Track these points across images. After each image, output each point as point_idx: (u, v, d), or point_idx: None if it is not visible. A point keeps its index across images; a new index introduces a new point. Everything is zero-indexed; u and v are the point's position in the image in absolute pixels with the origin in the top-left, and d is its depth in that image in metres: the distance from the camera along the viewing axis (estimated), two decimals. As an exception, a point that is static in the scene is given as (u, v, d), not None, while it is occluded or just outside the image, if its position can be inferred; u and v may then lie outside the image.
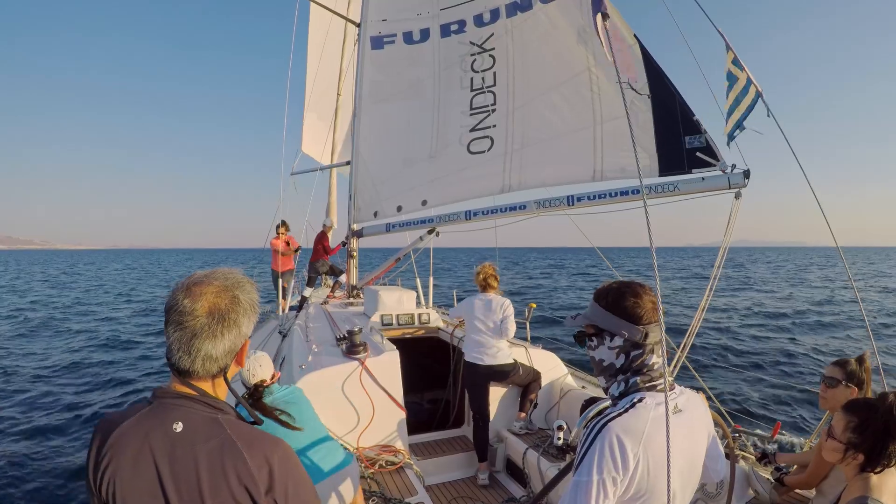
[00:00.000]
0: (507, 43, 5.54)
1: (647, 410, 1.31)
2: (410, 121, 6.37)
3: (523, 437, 4.27)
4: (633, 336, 1.39)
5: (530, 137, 5.30)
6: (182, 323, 1.10)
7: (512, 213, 5.32)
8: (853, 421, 1.94)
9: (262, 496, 1.08)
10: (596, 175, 4.70)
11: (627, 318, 1.40)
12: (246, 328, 1.18)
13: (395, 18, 6.51)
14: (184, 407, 1.11)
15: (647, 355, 1.40)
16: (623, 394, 1.40)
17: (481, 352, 4.26)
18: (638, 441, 1.25)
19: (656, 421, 1.28)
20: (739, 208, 3.69)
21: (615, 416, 1.30)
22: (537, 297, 26.08)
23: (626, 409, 1.32)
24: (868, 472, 1.90)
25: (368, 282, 7.40)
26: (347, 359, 4.05)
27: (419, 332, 5.29)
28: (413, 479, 3.49)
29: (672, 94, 4.14)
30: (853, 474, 1.95)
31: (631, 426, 1.27)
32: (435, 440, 4.71)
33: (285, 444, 1.17)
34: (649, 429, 1.27)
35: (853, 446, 1.92)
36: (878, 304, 22.75)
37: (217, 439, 1.08)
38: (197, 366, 1.12)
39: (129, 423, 1.09)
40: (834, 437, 1.99)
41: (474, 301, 4.37)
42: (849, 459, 1.94)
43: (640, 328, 1.39)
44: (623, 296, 1.42)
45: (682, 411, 1.37)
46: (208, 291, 1.13)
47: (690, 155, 4.05)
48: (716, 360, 11.95)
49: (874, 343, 2.58)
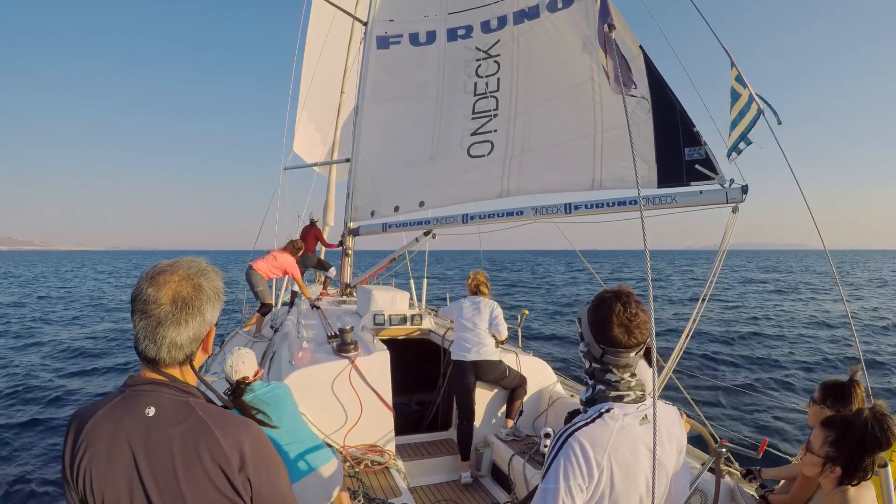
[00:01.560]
0: (513, 50, 5.56)
1: (613, 421, 1.32)
2: (412, 122, 6.37)
3: (510, 443, 4.26)
4: (593, 351, 1.41)
5: (531, 143, 5.31)
6: (146, 311, 1.12)
7: (509, 219, 5.32)
8: (830, 436, 1.99)
9: (235, 474, 1.10)
10: (595, 184, 4.71)
11: (592, 332, 1.41)
12: (210, 315, 1.19)
13: (402, 19, 6.52)
14: (154, 392, 1.12)
15: (607, 373, 1.40)
16: (590, 400, 1.42)
17: (466, 348, 4.29)
18: (603, 451, 1.27)
19: (622, 431, 1.31)
20: (736, 222, 3.70)
21: (581, 426, 1.32)
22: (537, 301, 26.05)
23: (594, 418, 1.34)
24: (846, 485, 1.95)
25: (362, 281, 7.37)
26: (338, 357, 4.04)
27: (411, 333, 5.27)
28: (398, 480, 3.47)
29: (673, 105, 4.16)
30: (831, 487, 2.00)
31: (596, 437, 1.29)
32: (421, 442, 4.69)
33: (256, 426, 1.19)
34: (614, 440, 1.29)
35: (831, 460, 1.97)
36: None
37: (189, 421, 1.10)
38: (163, 353, 1.13)
39: (103, 412, 1.11)
40: (812, 452, 2.03)
41: (463, 302, 4.45)
42: (827, 473, 1.99)
43: (599, 346, 1.39)
44: (599, 306, 1.41)
45: (650, 423, 1.36)
46: (172, 280, 1.15)
47: (689, 167, 4.07)
48: (709, 371, 11.95)
49: (859, 349, 2.57)
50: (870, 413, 1.94)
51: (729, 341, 15.97)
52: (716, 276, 3.59)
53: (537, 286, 37.08)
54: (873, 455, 1.92)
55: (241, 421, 1.17)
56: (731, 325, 18.61)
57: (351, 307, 6.55)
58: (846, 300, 2.73)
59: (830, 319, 20.37)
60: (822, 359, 14.26)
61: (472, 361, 4.26)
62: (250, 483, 1.12)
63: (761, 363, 13.49)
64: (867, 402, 2.52)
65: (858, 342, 2.66)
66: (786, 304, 25.92)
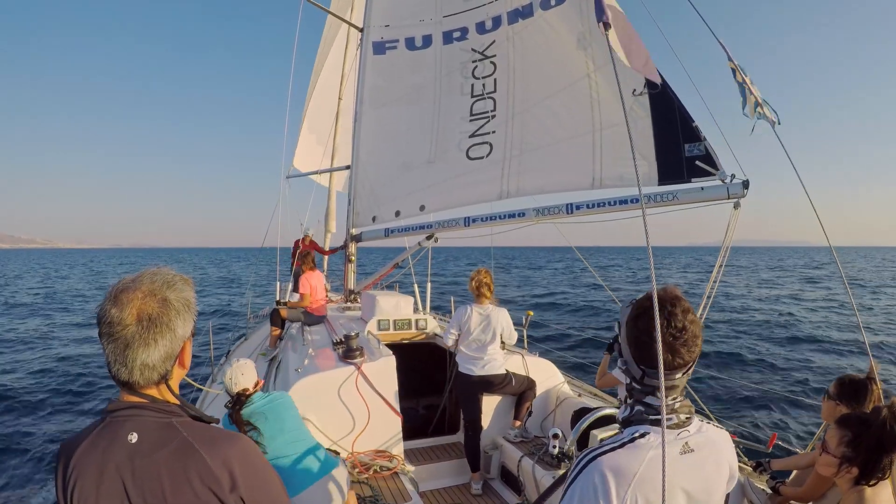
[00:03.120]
0: (509, 50, 5.55)
1: (646, 449, 1.16)
2: (410, 126, 6.38)
3: (518, 444, 4.25)
4: (632, 371, 1.25)
5: (529, 143, 5.30)
6: (112, 334, 1.07)
7: (511, 221, 5.31)
8: (847, 435, 1.96)
9: (227, 495, 1.07)
10: (595, 183, 4.69)
11: (631, 350, 1.25)
12: (182, 330, 1.14)
13: (397, 24, 6.53)
14: (135, 417, 1.09)
15: (645, 395, 1.24)
16: (626, 420, 1.28)
17: (473, 362, 4.22)
18: (626, 483, 1.12)
19: (654, 461, 1.12)
20: (738, 218, 3.68)
21: (607, 451, 1.17)
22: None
23: (624, 443, 1.18)
24: (862, 485, 1.92)
25: (366, 286, 7.38)
26: (344, 363, 4.04)
27: (416, 337, 5.28)
28: (407, 485, 3.47)
29: (672, 102, 4.14)
30: (847, 487, 1.96)
31: (622, 465, 1.14)
32: (430, 446, 4.69)
33: (245, 439, 1.16)
34: (644, 470, 1.13)
35: (847, 460, 1.93)
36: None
37: (174, 443, 1.07)
38: (136, 376, 1.09)
39: (85, 444, 1.08)
40: (828, 452, 1.99)
41: (471, 314, 4.24)
42: (843, 473, 1.95)
43: (639, 368, 1.23)
44: (640, 318, 1.22)
45: (694, 451, 1.20)
46: (135, 298, 1.08)
47: (690, 163, 4.05)
48: (718, 367, 11.90)
49: (867, 342, 2.56)
50: (888, 411, 1.89)
51: (735, 336, 15.92)
52: (721, 270, 3.59)
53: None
54: (892, 454, 1.88)
55: (228, 436, 1.14)
56: (733, 323, 18.54)
57: (356, 313, 6.56)
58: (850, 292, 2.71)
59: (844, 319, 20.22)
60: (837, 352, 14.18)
61: (479, 376, 4.19)
62: (243, 502, 1.10)
63: (771, 357, 13.45)
64: (884, 400, 2.51)
65: (867, 339, 2.65)
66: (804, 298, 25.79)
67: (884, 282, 37.10)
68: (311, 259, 7.88)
